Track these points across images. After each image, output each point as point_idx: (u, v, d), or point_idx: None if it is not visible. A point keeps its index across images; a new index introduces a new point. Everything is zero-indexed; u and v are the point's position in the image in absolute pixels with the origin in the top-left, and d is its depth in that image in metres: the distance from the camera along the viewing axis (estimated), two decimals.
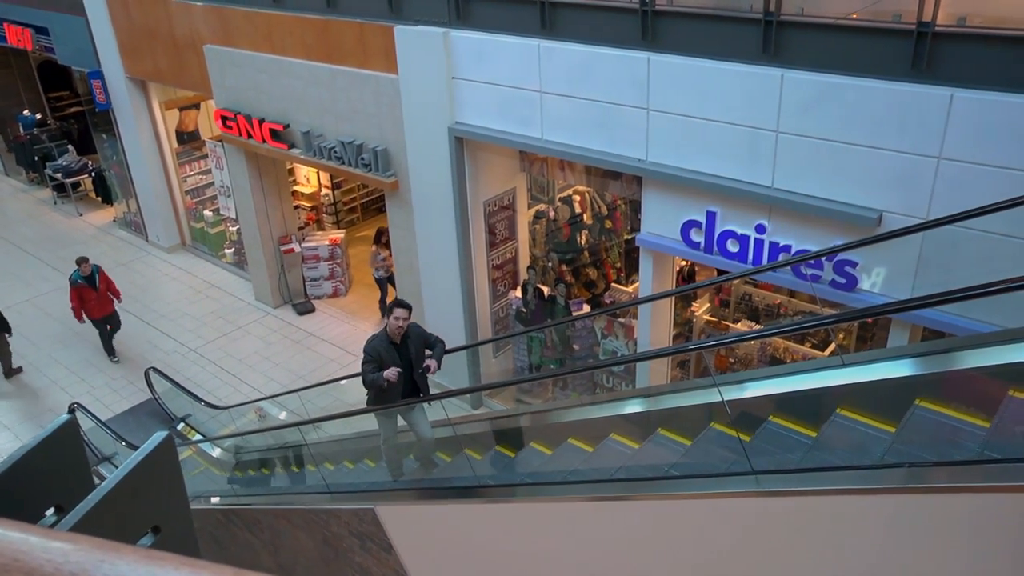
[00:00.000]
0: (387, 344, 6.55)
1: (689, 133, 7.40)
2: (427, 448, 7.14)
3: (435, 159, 9.67)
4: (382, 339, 6.58)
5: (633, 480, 5.20)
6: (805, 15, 6.70)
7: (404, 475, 7.30)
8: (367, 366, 6.52)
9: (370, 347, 6.56)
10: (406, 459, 7.55)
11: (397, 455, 7.34)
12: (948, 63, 6.01)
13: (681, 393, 6.24)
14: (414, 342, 6.67)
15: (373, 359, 6.48)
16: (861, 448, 4.49)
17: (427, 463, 7.29)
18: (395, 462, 7.33)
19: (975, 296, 3.30)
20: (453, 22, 9.02)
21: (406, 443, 7.44)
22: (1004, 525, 3.22)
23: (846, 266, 6.83)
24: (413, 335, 6.68)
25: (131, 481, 1.34)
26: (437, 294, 10.70)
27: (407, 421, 6.98)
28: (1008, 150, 5.75)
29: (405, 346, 6.62)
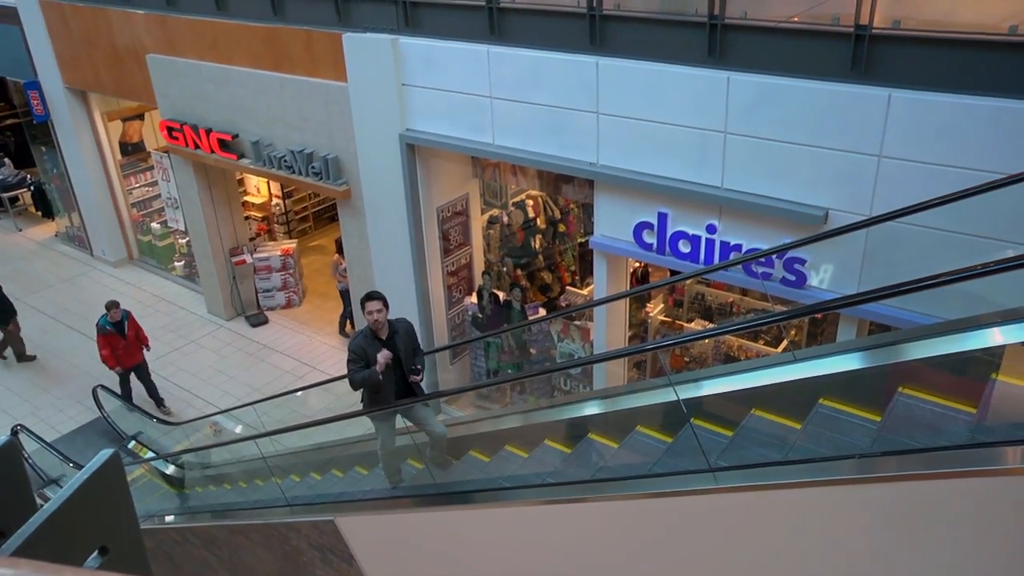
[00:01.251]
0: (371, 340, 6.13)
1: (639, 136, 7.48)
2: (441, 445, 6.65)
3: (387, 166, 9.62)
4: (366, 335, 6.16)
5: (598, 481, 5.22)
6: (749, 18, 6.82)
7: (404, 481, 6.80)
8: (352, 366, 6.10)
9: (354, 345, 6.16)
10: (404, 461, 7.11)
11: (396, 461, 6.86)
12: (885, 64, 6.18)
13: (643, 393, 6.28)
14: (402, 338, 6.23)
15: (358, 357, 6.06)
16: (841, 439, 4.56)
17: (443, 462, 6.78)
18: (394, 468, 6.83)
19: (915, 290, 3.40)
20: (402, 29, 8.99)
21: (403, 447, 6.96)
22: (962, 509, 3.30)
23: (795, 263, 6.98)
24: (401, 330, 6.25)
25: (76, 501, 1.30)
26: (392, 302, 10.51)
27: (413, 421, 6.53)
28: (943, 148, 5.94)
29: (392, 342, 6.18)
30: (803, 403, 4.81)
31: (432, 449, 6.65)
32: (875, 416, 4.40)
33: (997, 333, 4.49)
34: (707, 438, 4.81)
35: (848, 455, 3.86)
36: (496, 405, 10.32)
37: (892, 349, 4.93)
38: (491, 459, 6.67)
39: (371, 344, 6.08)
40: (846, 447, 4.21)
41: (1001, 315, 4.50)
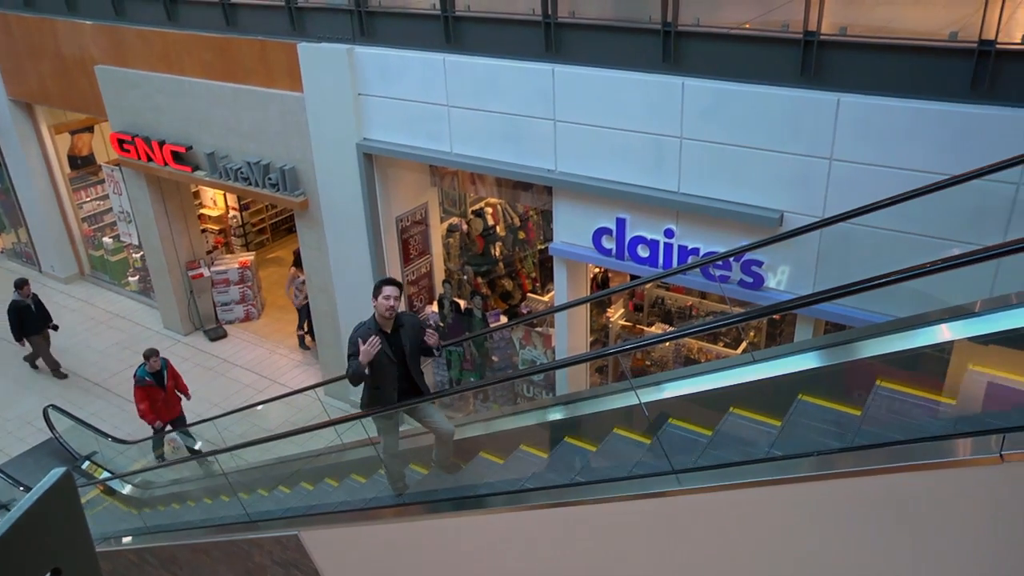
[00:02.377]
0: (375, 332, 5.46)
1: (596, 142, 7.54)
2: (448, 444, 6.10)
3: (344, 176, 9.55)
4: (369, 327, 5.50)
5: (563, 487, 5.22)
6: (701, 25, 6.93)
7: (409, 488, 6.27)
8: (351, 360, 5.45)
9: (354, 337, 5.49)
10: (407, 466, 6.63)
11: (400, 466, 6.33)
12: (834, 70, 6.32)
13: (605, 397, 6.31)
14: (408, 333, 5.59)
15: (357, 350, 5.41)
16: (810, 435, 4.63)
17: (452, 466, 6.29)
18: (398, 474, 6.28)
19: (866, 289, 3.47)
20: (357, 38, 8.95)
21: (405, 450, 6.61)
22: (936, 503, 3.37)
23: (752, 266, 7.08)
24: (408, 325, 5.63)
25: (26, 523, 1.26)
26: (353, 312, 10.53)
27: (420, 421, 5.99)
28: (890, 150, 6.09)
29: (397, 336, 5.55)
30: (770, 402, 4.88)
31: (438, 450, 6.14)
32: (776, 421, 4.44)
33: (945, 329, 4.62)
34: (677, 437, 4.86)
35: (807, 453, 3.92)
36: (459, 414, 10.28)
37: (846, 348, 5.03)
38: (465, 466, 6.63)
39: (372, 336, 5.47)
40: (812, 445, 4.27)
41: (948, 312, 4.63)
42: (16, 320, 12.04)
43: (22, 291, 11.97)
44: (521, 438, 6.46)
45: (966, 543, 3.29)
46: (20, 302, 11.99)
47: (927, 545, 3.42)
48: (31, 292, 12.13)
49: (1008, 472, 2.93)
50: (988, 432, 3.09)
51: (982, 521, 3.20)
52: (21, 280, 12.16)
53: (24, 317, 12.06)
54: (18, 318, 12.03)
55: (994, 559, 3.24)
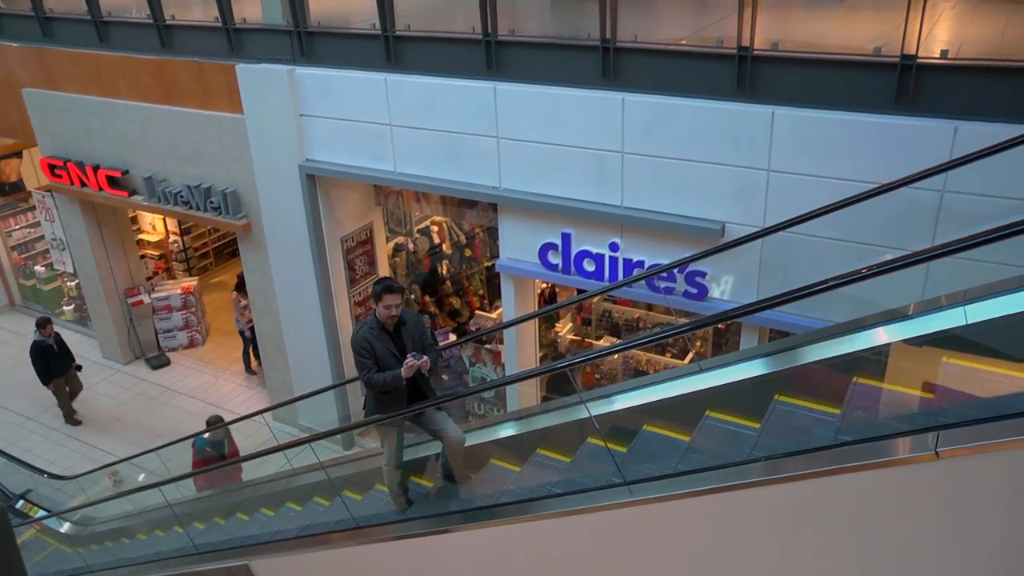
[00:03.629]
0: (378, 331, 5.34)
1: (540, 159, 7.61)
2: (458, 452, 5.79)
3: (288, 198, 9.44)
4: (371, 326, 5.36)
5: (512, 503, 5.21)
6: (639, 41, 7.06)
7: (412, 503, 5.97)
8: (366, 362, 5.28)
9: (359, 339, 5.31)
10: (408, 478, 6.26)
11: (403, 479, 6.04)
12: (767, 83, 6.50)
13: (554, 412, 6.33)
14: (410, 332, 5.47)
15: (367, 353, 5.28)
16: (733, 446, 4.71)
17: (462, 477, 5.94)
18: (400, 488, 5.97)
19: (806, 296, 3.57)
20: (297, 59, 8.89)
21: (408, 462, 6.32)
22: (859, 503, 3.46)
23: (696, 276, 7.21)
24: (409, 323, 5.50)
25: None
26: (299, 335, 10.40)
27: (428, 428, 5.72)
28: (824, 161, 6.28)
29: (399, 335, 5.43)
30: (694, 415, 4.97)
31: (447, 459, 5.84)
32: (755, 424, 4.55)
33: (882, 332, 4.76)
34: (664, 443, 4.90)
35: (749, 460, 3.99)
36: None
37: (790, 353, 5.15)
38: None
39: (378, 337, 5.33)
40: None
41: (884, 315, 4.78)
42: (42, 362, 11.24)
43: (44, 331, 11.14)
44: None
45: (910, 539, 3.38)
46: (42, 342, 11.17)
47: (874, 543, 3.50)
48: (53, 331, 11.34)
49: (943, 468, 3.03)
50: (924, 431, 3.19)
51: (922, 517, 3.30)
52: (44, 319, 11.30)
53: (48, 358, 11.27)
54: (43, 360, 11.24)
55: (938, 553, 3.33)
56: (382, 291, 5.31)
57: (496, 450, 6.30)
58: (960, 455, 3.01)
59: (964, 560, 3.30)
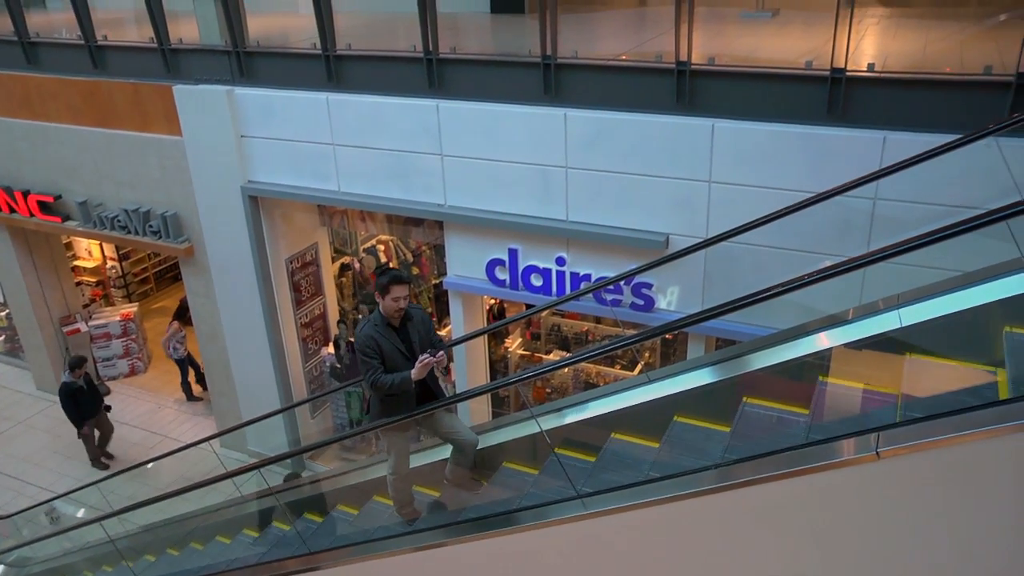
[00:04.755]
0: (384, 327, 4.94)
1: (484, 175, 7.63)
2: (469, 456, 5.42)
3: (230, 220, 9.29)
4: (376, 322, 4.96)
5: (467, 521, 5.18)
6: (580, 57, 7.15)
7: (421, 514, 5.65)
8: (372, 361, 4.88)
9: (363, 337, 4.91)
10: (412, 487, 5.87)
11: (410, 487, 5.64)
12: (706, 97, 6.65)
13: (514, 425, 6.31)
14: (417, 327, 5.09)
15: (373, 352, 4.88)
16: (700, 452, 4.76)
17: (471, 483, 5.65)
18: (407, 497, 5.61)
19: (749, 304, 3.64)
20: (237, 79, 8.77)
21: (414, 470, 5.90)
22: (824, 503, 3.52)
23: (642, 288, 7.29)
24: (416, 318, 5.12)
25: None
26: (245, 359, 10.20)
27: (438, 430, 5.36)
28: (763, 171, 6.44)
29: (405, 330, 5.04)
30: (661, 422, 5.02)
31: (457, 463, 5.46)
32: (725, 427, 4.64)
33: (823, 337, 4.88)
34: (573, 465, 4.91)
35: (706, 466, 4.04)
36: (362, 456, 10.06)
37: (735, 362, 5.25)
38: (359, 511, 6.47)
39: (384, 334, 4.94)
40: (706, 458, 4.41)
41: (824, 321, 4.90)
42: (72, 405, 10.64)
43: (76, 372, 10.56)
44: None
45: (859, 539, 3.45)
46: (73, 384, 10.57)
47: (822, 546, 3.57)
48: (83, 373, 10.72)
49: (884, 468, 3.11)
50: (865, 432, 3.28)
51: (866, 516, 3.37)
52: (77, 359, 10.68)
53: (80, 401, 10.68)
54: (74, 403, 10.64)
55: (886, 551, 3.41)
56: (389, 282, 4.87)
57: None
58: (900, 454, 3.09)
59: (911, 556, 3.38)
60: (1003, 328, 4.07)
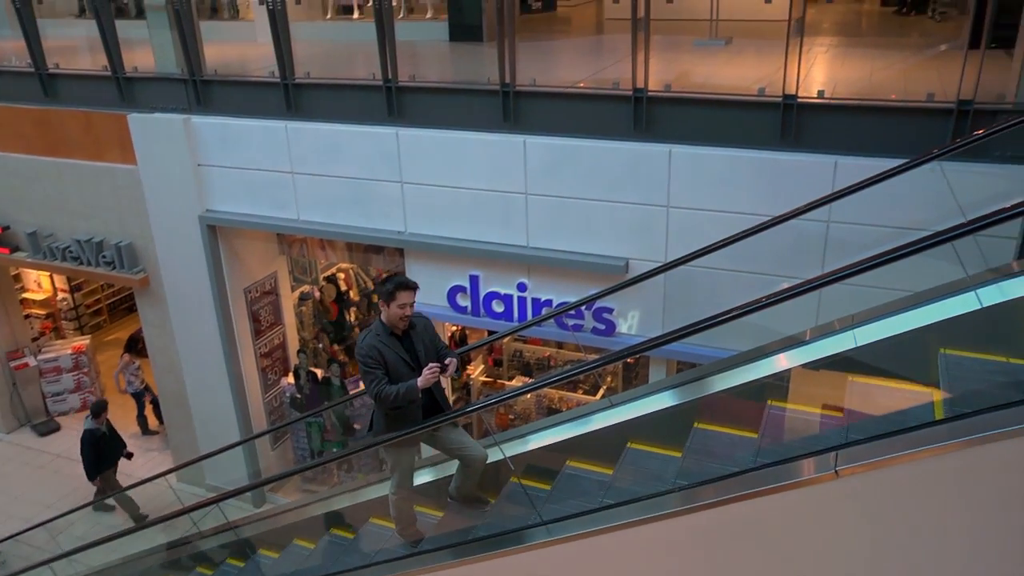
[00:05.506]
0: (387, 336, 4.75)
1: (445, 202, 7.64)
2: (477, 472, 5.17)
3: (187, 250, 9.15)
4: (379, 331, 4.76)
5: (429, 551, 5.11)
6: (538, 85, 7.23)
7: (424, 535, 5.35)
8: (375, 372, 4.65)
9: (365, 346, 4.70)
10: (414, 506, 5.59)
11: (412, 507, 5.37)
12: (663, 123, 6.76)
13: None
14: (422, 336, 4.91)
15: (375, 363, 4.66)
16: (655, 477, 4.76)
17: (477, 500, 5.36)
18: (411, 517, 5.35)
19: (709, 327, 3.68)
20: (194, 108, 8.69)
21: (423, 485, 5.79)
22: (780, 523, 3.54)
23: (604, 313, 7.33)
24: (419, 325, 4.95)
25: None
26: (203, 391, 10.00)
27: (445, 445, 5.12)
28: (720, 196, 6.54)
29: (410, 339, 4.85)
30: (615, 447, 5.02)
31: (463, 480, 5.26)
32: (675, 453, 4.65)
33: (782, 358, 4.95)
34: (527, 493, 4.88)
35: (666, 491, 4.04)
36: (323, 487, 9.90)
37: (697, 384, 5.28)
38: (316, 544, 6.36)
39: (387, 343, 4.74)
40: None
41: (782, 342, 4.97)
42: (93, 454, 9.79)
43: (98, 419, 9.78)
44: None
45: (822, 557, 3.48)
46: (96, 431, 9.76)
47: (790, 564, 3.59)
48: (105, 419, 9.92)
49: (843, 486, 3.15)
50: (824, 451, 3.32)
51: (827, 534, 3.41)
52: (100, 404, 9.91)
53: (101, 449, 9.86)
54: (94, 451, 9.80)
55: (844, 569, 3.44)
56: (395, 288, 4.71)
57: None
58: (858, 472, 3.13)
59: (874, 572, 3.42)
60: (939, 350, 4.17)
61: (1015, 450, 2.88)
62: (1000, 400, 3.07)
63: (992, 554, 3.15)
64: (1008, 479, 2.99)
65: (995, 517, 3.07)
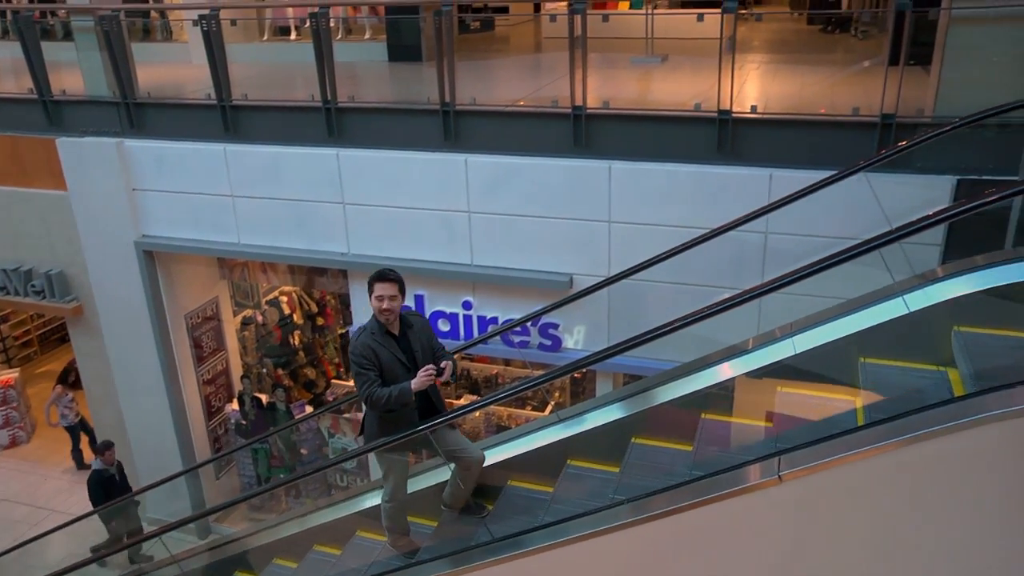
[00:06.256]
0: (382, 335, 4.59)
1: (388, 222, 7.60)
2: (474, 474, 4.99)
3: (123, 277, 8.90)
4: (373, 330, 4.60)
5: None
6: (478, 104, 7.28)
7: (419, 546, 5.13)
8: (368, 373, 4.47)
9: (359, 345, 4.54)
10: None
11: (406, 516, 5.18)
12: (602, 140, 6.86)
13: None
14: (418, 334, 4.75)
15: (369, 364, 4.49)
16: (595, 493, 4.78)
17: (475, 506, 5.14)
18: (404, 527, 5.15)
19: (652, 339, 3.74)
20: (127, 131, 8.50)
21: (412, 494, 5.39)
22: (719, 534, 3.60)
23: (549, 329, 7.37)
24: (416, 324, 4.81)
25: None
26: (143, 421, 9.71)
27: (442, 448, 4.86)
28: (658, 209, 6.66)
29: (406, 339, 4.68)
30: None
31: (459, 485, 5.03)
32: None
33: (726, 367, 5.04)
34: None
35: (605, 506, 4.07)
36: (271, 515, 9.68)
37: (642, 396, 5.34)
38: (298, 565, 6.21)
39: (381, 343, 4.57)
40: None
41: (725, 352, 5.06)
42: (101, 496, 8.88)
43: (105, 456, 8.93)
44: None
45: (768, 562, 3.54)
46: (104, 472, 8.92)
47: (739, 570, 3.65)
48: (115, 458, 9.14)
49: (786, 491, 3.22)
50: (767, 456, 3.39)
51: (776, 538, 3.47)
52: (106, 443, 9.03)
53: (110, 490, 8.97)
54: (103, 492, 8.91)
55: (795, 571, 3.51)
56: (371, 281, 4.60)
57: (363, 520, 6.08)
58: (800, 476, 3.21)
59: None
60: (859, 359, 4.31)
61: (944, 448, 2.99)
62: (927, 401, 3.19)
63: (931, 547, 3.25)
64: (940, 476, 3.10)
65: (932, 513, 3.18)
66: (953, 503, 3.10)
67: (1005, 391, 3.02)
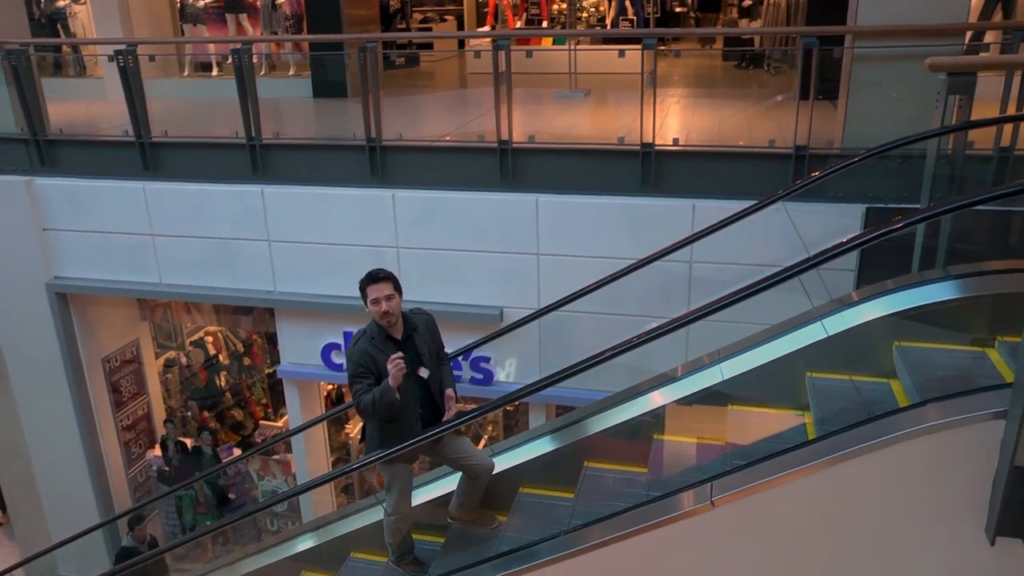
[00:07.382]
0: (382, 340, 4.28)
1: (315, 259, 7.50)
2: (482, 482, 4.71)
3: (33, 321, 8.51)
4: (373, 334, 4.29)
5: None
6: (404, 139, 7.28)
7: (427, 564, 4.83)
8: (362, 381, 4.21)
9: (356, 352, 4.26)
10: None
11: (410, 530, 4.85)
12: (528, 173, 6.94)
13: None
14: (423, 338, 4.44)
15: (365, 369, 4.20)
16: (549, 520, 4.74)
17: (485, 518, 4.90)
18: (408, 542, 4.82)
19: (582, 370, 3.78)
20: (37, 169, 8.18)
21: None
22: (655, 564, 3.61)
23: (481, 362, 7.36)
24: (422, 327, 4.47)
25: None
26: (56, 472, 9.24)
27: (446, 456, 4.63)
28: (585, 241, 6.76)
29: (411, 343, 4.37)
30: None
31: (466, 495, 4.75)
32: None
33: (657, 395, 5.11)
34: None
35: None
36: (197, 564, 9.30)
37: (576, 427, 5.37)
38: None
39: (381, 347, 4.26)
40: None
41: (655, 380, 5.14)
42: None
43: (136, 533, 7.70)
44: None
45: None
46: (133, 549, 7.62)
47: None
48: (147, 534, 7.91)
49: (719, 515, 3.27)
50: (700, 483, 3.44)
51: (708, 565, 3.51)
52: (137, 517, 7.80)
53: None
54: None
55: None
56: (363, 285, 4.28)
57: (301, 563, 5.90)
58: (732, 500, 3.26)
59: None
60: (805, 374, 4.46)
61: (869, 464, 3.09)
62: (852, 420, 3.29)
63: (860, 559, 3.34)
64: (864, 492, 3.20)
65: (861, 527, 3.27)
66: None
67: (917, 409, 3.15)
